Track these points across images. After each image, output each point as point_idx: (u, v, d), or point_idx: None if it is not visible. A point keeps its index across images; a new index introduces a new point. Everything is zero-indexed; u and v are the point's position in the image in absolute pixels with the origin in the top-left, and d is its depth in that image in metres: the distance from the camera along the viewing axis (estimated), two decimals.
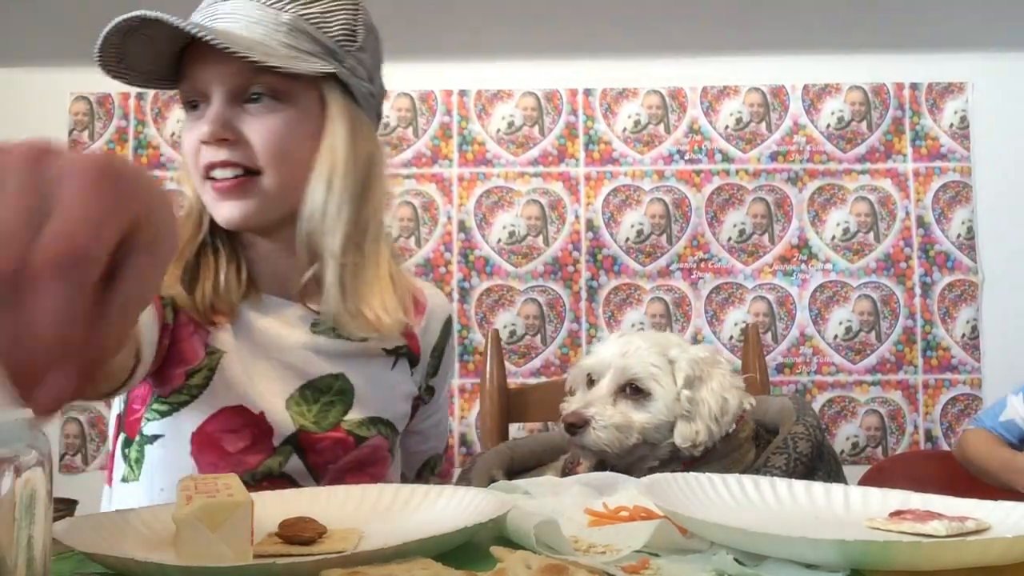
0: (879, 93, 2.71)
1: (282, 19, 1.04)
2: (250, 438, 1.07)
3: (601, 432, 1.07)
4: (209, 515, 0.65)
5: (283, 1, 1.04)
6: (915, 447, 2.61)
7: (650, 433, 1.10)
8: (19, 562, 0.45)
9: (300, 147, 1.05)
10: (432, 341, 1.23)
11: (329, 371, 1.12)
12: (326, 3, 1.07)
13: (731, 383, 1.11)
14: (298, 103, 1.05)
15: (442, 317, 1.25)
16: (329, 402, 1.12)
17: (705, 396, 1.09)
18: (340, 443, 1.10)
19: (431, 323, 1.23)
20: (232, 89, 1.03)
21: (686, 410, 1.09)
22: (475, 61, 2.69)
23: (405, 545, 0.65)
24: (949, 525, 0.69)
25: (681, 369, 1.11)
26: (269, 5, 1.04)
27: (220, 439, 1.06)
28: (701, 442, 1.08)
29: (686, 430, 1.08)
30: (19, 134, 1.59)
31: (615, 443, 1.08)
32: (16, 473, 0.45)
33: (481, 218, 2.65)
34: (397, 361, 1.19)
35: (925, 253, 2.66)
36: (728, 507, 0.81)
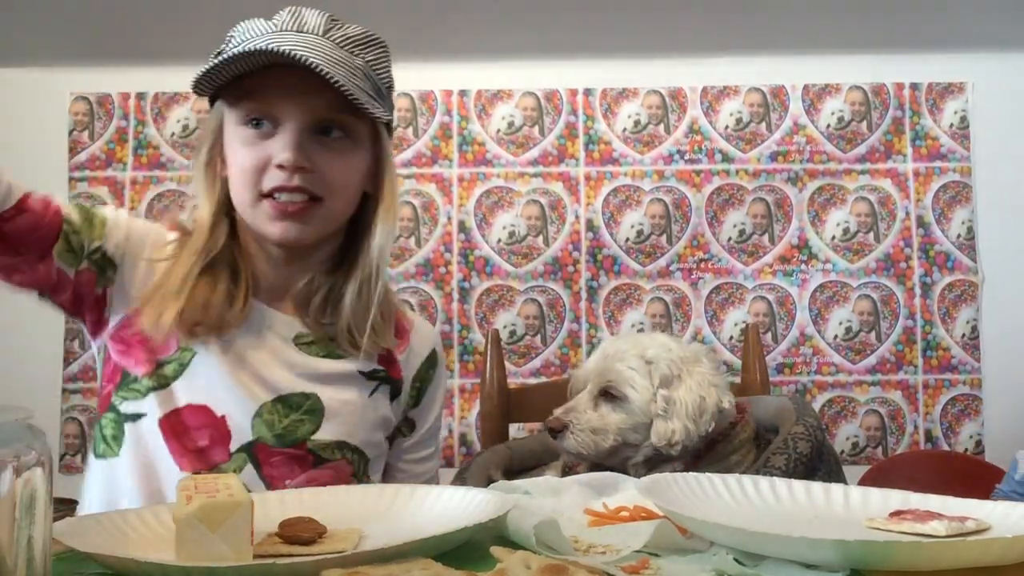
0: (879, 93, 2.71)
1: (356, 63, 1.10)
2: (209, 438, 1.11)
3: (579, 435, 1.11)
4: (209, 515, 0.65)
5: (351, 44, 1.10)
6: (915, 447, 2.61)
7: (627, 434, 1.11)
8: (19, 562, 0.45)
9: (356, 182, 1.15)
10: (413, 371, 1.24)
11: (302, 390, 1.14)
12: (378, 50, 1.14)
13: (709, 381, 1.11)
14: (361, 142, 1.13)
15: (426, 347, 1.26)
16: (299, 419, 1.14)
17: (682, 395, 1.10)
18: (296, 460, 1.12)
19: (413, 351, 1.24)
20: (314, 122, 1.08)
21: (662, 409, 1.10)
22: (475, 61, 2.69)
23: (405, 545, 0.65)
24: (949, 525, 0.69)
25: (658, 369, 1.12)
26: (343, 47, 1.09)
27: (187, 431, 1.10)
28: (677, 441, 1.09)
29: (662, 429, 1.09)
30: (19, 134, 1.62)
31: (591, 446, 1.11)
32: (16, 473, 0.45)
33: (481, 218, 2.65)
34: (377, 388, 1.20)
35: (925, 253, 2.66)
36: (728, 507, 0.81)
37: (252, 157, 1.08)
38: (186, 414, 1.10)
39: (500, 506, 0.76)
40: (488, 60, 2.68)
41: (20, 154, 2.66)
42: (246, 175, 1.08)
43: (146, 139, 2.66)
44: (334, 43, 1.08)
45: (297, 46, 1.02)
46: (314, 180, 1.08)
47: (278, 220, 1.09)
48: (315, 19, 1.09)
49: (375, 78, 1.12)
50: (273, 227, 1.10)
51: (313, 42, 1.06)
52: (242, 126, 1.09)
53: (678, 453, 1.11)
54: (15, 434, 0.47)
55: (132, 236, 1.13)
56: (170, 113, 2.68)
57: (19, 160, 2.67)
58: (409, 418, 1.26)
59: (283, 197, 1.08)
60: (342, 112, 1.08)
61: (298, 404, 1.14)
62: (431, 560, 0.63)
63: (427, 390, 1.27)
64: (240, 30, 1.08)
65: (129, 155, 2.66)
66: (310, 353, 1.16)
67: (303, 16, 1.08)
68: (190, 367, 1.11)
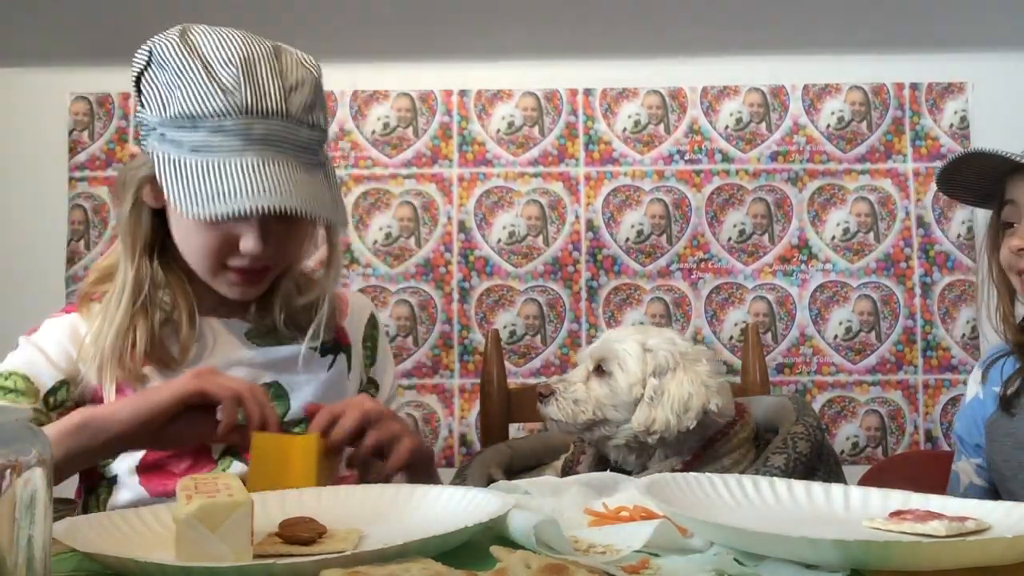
0: (879, 93, 2.71)
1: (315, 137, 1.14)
2: (191, 458, 1.16)
3: (561, 402, 1.15)
4: (209, 515, 0.66)
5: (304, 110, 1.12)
6: (915, 447, 2.61)
7: (608, 410, 1.13)
8: (19, 562, 0.45)
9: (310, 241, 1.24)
10: (360, 332, 1.36)
11: (263, 380, 1.21)
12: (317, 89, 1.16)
13: (703, 381, 1.12)
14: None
15: (365, 311, 1.40)
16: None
17: (672, 387, 1.11)
18: None
19: (354, 317, 1.37)
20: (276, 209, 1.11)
21: (649, 396, 1.11)
22: (475, 61, 2.68)
23: (405, 545, 0.65)
24: (949, 525, 0.69)
25: (655, 358, 1.13)
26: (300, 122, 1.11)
27: (165, 464, 1.15)
28: (657, 430, 1.10)
29: (643, 415, 1.11)
30: (19, 134, 1.61)
31: (570, 415, 1.14)
32: (16, 473, 0.45)
33: (481, 218, 2.66)
34: (334, 360, 1.29)
35: (925, 253, 2.66)
36: (728, 507, 0.81)
37: (215, 239, 1.13)
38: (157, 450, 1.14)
39: (500, 506, 0.76)
40: (488, 60, 2.68)
41: (20, 154, 2.66)
42: (207, 252, 1.14)
43: None
44: (295, 122, 1.10)
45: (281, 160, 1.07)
46: (275, 256, 1.16)
47: (238, 286, 1.17)
48: (272, 84, 1.08)
49: (323, 137, 1.16)
50: (231, 291, 1.18)
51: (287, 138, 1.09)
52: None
53: (655, 442, 1.12)
54: (15, 434, 0.47)
55: (52, 356, 1.17)
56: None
57: (19, 160, 2.67)
58: (371, 378, 1.37)
59: (246, 267, 1.15)
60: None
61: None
62: (431, 560, 0.63)
63: (378, 348, 1.39)
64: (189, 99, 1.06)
65: (129, 155, 2.66)
66: (263, 344, 1.24)
67: (260, 86, 1.08)
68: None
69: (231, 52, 1.08)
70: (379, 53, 2.62)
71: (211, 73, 1.06)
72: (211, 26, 1.14)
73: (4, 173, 2.65)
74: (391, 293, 2.62)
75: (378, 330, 1.40)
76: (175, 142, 1.07)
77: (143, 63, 1.12)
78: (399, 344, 2.60)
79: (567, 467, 1.25)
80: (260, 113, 1.06)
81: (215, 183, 1.04)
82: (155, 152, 1.09)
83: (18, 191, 2.66)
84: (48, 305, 1.27)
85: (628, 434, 1.13)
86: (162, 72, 1.09)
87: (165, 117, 1.08)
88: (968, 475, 1.33)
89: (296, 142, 1.10)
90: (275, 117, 1.07)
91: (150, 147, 1.11)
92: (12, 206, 2.66)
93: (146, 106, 1.11)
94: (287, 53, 1.14)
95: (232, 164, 1.05)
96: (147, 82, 1.11)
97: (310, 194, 1.08)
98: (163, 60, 1.09)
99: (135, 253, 1.16)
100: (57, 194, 2.64)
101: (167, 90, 1.08)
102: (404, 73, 2.68)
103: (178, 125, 1.07)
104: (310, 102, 1.12)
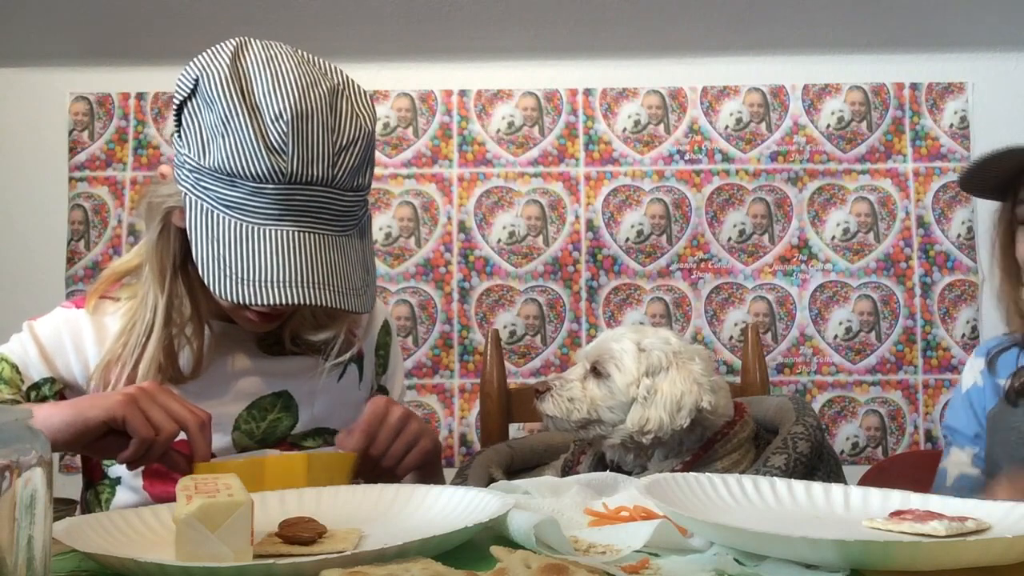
0: (879, 93, 2.71)
1: (358, 200, 1.06)
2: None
3: (556, 399, 1.15)
4: (209, 515, 0.66)
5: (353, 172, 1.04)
6: (915, 447, 2.61)
7: (603, 411, 1.13)
8: (19, 562, 0.45)
9: None
10: (374, 341, 1.34)
11: (272, 391, 1.20)
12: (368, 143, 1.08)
13: (695, 379, 1.12)
14: None
15: (379, 320, 1.36)
16: (276, 419, 1.21)
17: (665, 387, 1.11)
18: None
19: (368, 326, 1.34)
20: None
21: (643, 396, 1.11)
22: (475, 61, 2.69)
23: (405, 545, 0.65)
24: (949, 525, 0.69)
25: (649, 357, 1.13)
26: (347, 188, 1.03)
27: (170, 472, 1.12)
28: (650, 430, 1.10)
29: (638, 415, 1.11)
30: (19, 134, 1.62)
31: (564, 412, 1.15)
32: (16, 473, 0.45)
33: (481, 218, 2.65)
34: (345, 370, 1.27)
35: (925, 253, 2.66)
36: (728, 507, 0.81)
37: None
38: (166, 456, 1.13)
39: (500, 506, 0.76)
40: (488, 60, 2.68)
41: (20, 154, 2.67)
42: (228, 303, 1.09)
43: (146, 139, 2.66)
44: (339, 188, 1.02)
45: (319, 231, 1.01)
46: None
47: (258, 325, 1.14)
48: (322, 147, 1.00)
49: (366, 198, 1.09)
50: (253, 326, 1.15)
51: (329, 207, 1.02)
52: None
53: (650, 442, 1.12)
54: (15, 434, 0.47)
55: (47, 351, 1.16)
56: (170, 113, 2.68)
57: (19, 160, 2.67)
58: (382, 386, 1.36)
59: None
60: None
61: (272, 404, 1.20)
62: (431, 560, 0.63)
63: (390, 356, 1.37)
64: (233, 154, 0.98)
65: (129, 155, 2.66)
66: (275, 353, 1.22)
67: (309, 148, 0.99)
68: None
69: (285, 102, 0.98)
70: (379, 53, 2.62)
71: (260, 128, 0.97)
72: (266, 49, 1.03)
73: (4, 173, 2.66)
74: (391, 293, 2.62)
75: (391, 337, 1.37)
76: (210, 191, 1.00)
77: (187, 91, 1.03)
78: (399, 344, 2.59)
79: (567, 467, 1.25)
80: (304, 181, 0.99)
81: (244, 260, 0.98)
82: (187, 196, 1.03)
83: (18, 191, 2.66)
84: (48, 305, 1.27)
85: (623, 434, 1.13)
86: (208, 111, 1.01)
87: (203, 164, 1.00)
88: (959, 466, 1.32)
89: (337, 210, 1.03)
90: (320, 184, 1.00)
91: (183, 186, 1.04)
92: (12, 206, 2.66)
93: (185, 142, 1.03)
94: (345, 99, 1.04)
95: (266, 235, 0.98)
96: (189, 115, 1.03)
97: (340, 278, 1.01)
98: (211, 98, 1.00)
99: (166, 278, 1.12)
100: (57, 194, 2.65)
101: (210, 134, 1.00)
102: (404, 73, 2.68)
103: (216, 178, 0.99)
104: (359, 164, 1.03)
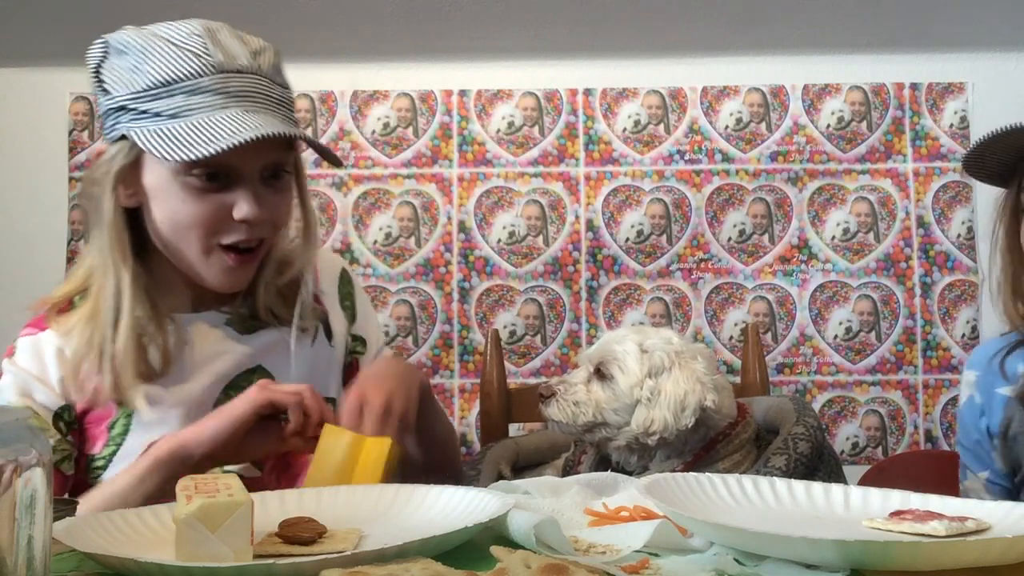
0: (879, 93, 2.71)
1: (288, 96, 1.13)
2: None
3: (562, 403, 1.15)
4: (209, 515, 0.66)
5: (272, 71, 1.11)
6: (915, 447, 2.61)
7: (608, 414, 1.13)
8: (19, 562, 0.45)
9: (292, 210, 1.19)
10: (335, 295, 1.32)
11: (247, 367, 1.19)
12: (278, 58, 1.14)
13: (698, 378, 1.12)
14: (292, 170, 1.16)
15: (335, 271, 1.34)
16: None
17: (668, 387, 1.11)
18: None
19: (326, 281, 1.31)
20: (267, 166, 1.10)
21: (647, 397, 1.11)
22: (475, 61, 2.68)
23: (405, 545, 0.65)
24: (949, 525, 0.69)
25: (651, 358, 1.13)
26: (277, 83, 1.11)
27: None
28: (655, 431, 1.10)
29: (642, 416, 1.11)
30: (19, 134, 1.62)
31: (570, 416, 1.15)
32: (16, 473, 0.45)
33: (481, 218, 2.65)
34: (316, 335, 1.25)
35: (925, 253, 2.66)
36: (728, 507, 0.81)
37: (207, 210, 1.08)
38: None
39: (500, 506, 0.76)
40: (488, 60, 2.68)
41: (20, 154, 2.66)
42: (199, 227, 1.09)
43: None
44: (267, 79, 1.09)
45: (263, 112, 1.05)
46: (266, 226, 1.12)
47: (235, 270, 1.12)
48: (238, 48, 1.08)
49: (294, 102, 1.15)
50: (224, 278, 1.13)
51: (254, 86, 1.07)
52: (185, 175, 1.06)
53: (655, 443, 1.12)
54: (15, 434, 0.47)
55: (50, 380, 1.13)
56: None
57: (19, 160, 2.67)
58: (356, 335, 1.33)
59: (241, 245, 1.11)
60: (286, 151, 1.12)
61: (248, 381, 1.17)
62: (431, 560, 0.63)
63: (357, 303, 1.34)
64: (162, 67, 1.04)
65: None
66: (246, 331, 1.20)
67: (228, 48, 1.07)
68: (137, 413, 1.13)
69: (191, 27, 1.07)
70: (379, 53, 2.62)
71: (177, 43, 1.05)
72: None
73: (4, 173, 2.65)
74: (391, 293, 2.62)
75: (353, 285, 1.35)
76: (150, 114, 1.03)
77: (100, 55, 1.10)
78: (399, 344, 2.60)
79: (568, 467, 1.25)
80: (234, 70, 1.05)
81: (202, 132, 1.01)
82: (130, 131, 1.05)
83: (18, 191, 2.66)
84: None
85: (629, 436, 1.13)
86: (123, 57, 1.07)
87: (137, 89, 1.05)
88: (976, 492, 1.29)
89: (272, 98, 1.09)
90: (248, 73, 1.07)
91: (122, 130, 1.06)
92: (12, 206, 2.65)
93: (110, 91, 1.07)
94: (241, 31, 1.13)
95: (216, 116, 1.03)
96: (108, 70, 1.09)
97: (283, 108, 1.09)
98: (123, 46, 1.08)
99: (126, 255, 1.10)
100: (57, 194, 2.65)
101: (133, 69, 1.06)
102: (404, 73, 2.67)
103: (153, 96, 1.04)
104: (276, 64, 1.12)
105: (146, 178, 1.09)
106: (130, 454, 1.13)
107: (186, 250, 1.11)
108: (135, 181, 1.10)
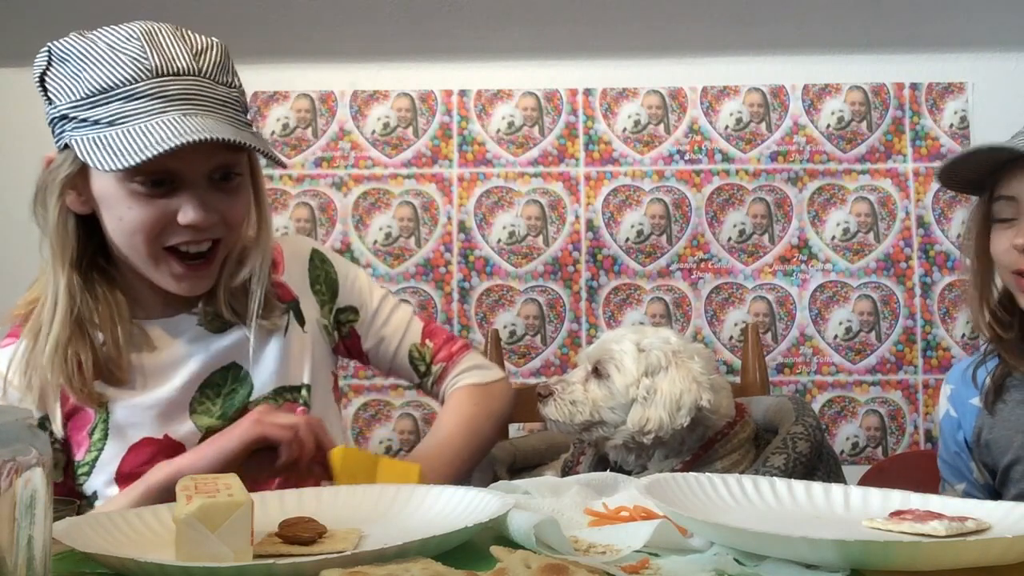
0: (879, 93, 2.71)
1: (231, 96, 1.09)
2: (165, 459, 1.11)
3: (559, 403, 1.15)
4: (209, 515, 0.65)
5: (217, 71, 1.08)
6: (915, 447, 2.61)
7: (605, 412, 1.13)
8: (19, 562, 0.45)
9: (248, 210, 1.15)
10: (304, 280, 1.27)
11: (221, 364, 1.17)
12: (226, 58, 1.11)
13: (694, 378, 1.12)
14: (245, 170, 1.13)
15: (302, 255, 1.29)
16: (231, 391, 1.18)
17: (664, 386, 1.11)
18: None
19: (291, 267, 1.27)
20: (215, 169, 1.08)
21: (643, 396, 1.11)
22: (475, 61, 2.68)
23: (405, 545, 0.65)
24: (949, 525, 0.69)
25: (648, 357, 1.13)
26: (215, 79, 1.07)
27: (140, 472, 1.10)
28: (651, 430, 1.10)
29: (638, 415, 1.11)
30: (18, 134, 1.61)
31: (567, 415, 1.15)
32: (16, 473, 0.45)
33: (481, 218, 2.66)
34: (288, 325, 1.22)
35: (925, 253, 2.66)
36: (728, 507, 0.81)
37: (151, 215, 1.06)
38: (132, 458, 1.13)
39: (500, 506, 0.76)
40: (488, 60, 2.68)
41: (20, 154, 2.66)
42: (144, 233, 1.07)
43: None
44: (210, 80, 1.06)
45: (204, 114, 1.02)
46: (217, 226, 1.09)
47: (189, 275, 1.10)
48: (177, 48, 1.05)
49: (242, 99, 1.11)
50: (180, 285, 1.11)
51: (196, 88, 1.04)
52: (129, 182, 1.05)
53: (652, 442, 1.12)
54: (15, 434, 0.47)
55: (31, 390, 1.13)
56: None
57: (19, 160, 2.67)
58: (341, 308, 1.29)
59: (191, 249, 1.09)
60: (234, 153, 1.09)
61: (223, 379, 1.17)
62: (431, 560, 0.63)
63: (335, 278, 1.29)
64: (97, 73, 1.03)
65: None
66: (217, 330, 1.18)
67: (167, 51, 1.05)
68: (112, 418, 1.13)
69: (130, 31, 1.05)
70: (379, 53, 2.62)
71: (115, 48, 1.03)
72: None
73: (4, 173, 2.65)
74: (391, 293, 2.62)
75: (328, 262, 1.31)
76: (89, 122, 1.02)
77: (44, 64, 1.09)
78: None
79: (567, 467, 1.25)
80: (172, 72, 1.03)
81: (136, 139, 0.99)
82: (72, 140, 1.04)
83: (18, 191, 2.65)
84: None
85: (625, 435, 1.13)
86: (65, 65, 1.06)
87: (76, 97, 1.03)
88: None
89: (216, 99, 1.05)
90: (188, 75, 1.04)
91: (66, 139, 1.06)
92: (12, 206, 2.65)
93: (53, 100, 1.07)
94: (186, 30, 1.10)
95: (152, 123, 1.00)
96: (51, 79, 1.08)
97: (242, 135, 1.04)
98: (64, 53, 1.07)
99: (65, 262, 1.10)
100: None
101: (73, 77, 1.05)
102: (404, 73, 2.67)
103: (92, 103, 1.02)
104: (222, 62, 1.08)
105: (94, 185, 1.08)
106: (111, 459, 1.12)
107: (135, 256, 1.10)
108: (85, 188, 1.09)
